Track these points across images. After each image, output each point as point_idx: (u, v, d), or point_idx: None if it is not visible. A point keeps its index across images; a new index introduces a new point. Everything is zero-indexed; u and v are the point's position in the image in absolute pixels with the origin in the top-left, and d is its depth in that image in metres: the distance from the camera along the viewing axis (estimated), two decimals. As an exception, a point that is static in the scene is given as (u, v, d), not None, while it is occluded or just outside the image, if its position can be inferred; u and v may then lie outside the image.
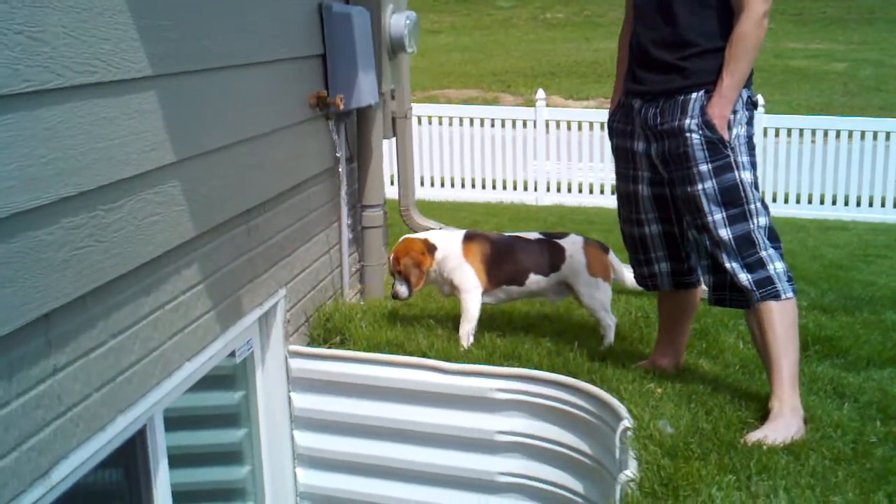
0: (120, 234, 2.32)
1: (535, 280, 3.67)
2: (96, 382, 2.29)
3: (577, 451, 3.19)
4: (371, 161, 4.25)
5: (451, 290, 3.71)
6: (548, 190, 10.37)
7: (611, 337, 3.66)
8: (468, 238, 3.70)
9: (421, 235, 3.76)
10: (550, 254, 3.69)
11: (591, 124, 10.13)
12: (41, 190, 2.00)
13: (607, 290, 3.71)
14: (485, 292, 3.67)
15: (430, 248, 3.65)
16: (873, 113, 12.77)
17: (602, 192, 10.20)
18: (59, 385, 2.14)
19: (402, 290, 3.62)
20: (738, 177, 2.89)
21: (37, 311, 2.02)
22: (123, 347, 2.41)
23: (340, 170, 3.97)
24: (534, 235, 3.78)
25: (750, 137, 2.98)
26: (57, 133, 2.05)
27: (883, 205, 9.74)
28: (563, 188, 10.36)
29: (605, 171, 10.00)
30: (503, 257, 3.68)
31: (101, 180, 2.22)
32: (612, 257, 3.78)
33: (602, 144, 9.93)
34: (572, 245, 3.70)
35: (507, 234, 3.90)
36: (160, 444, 2.77)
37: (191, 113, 2.70)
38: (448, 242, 3.68)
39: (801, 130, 9.95)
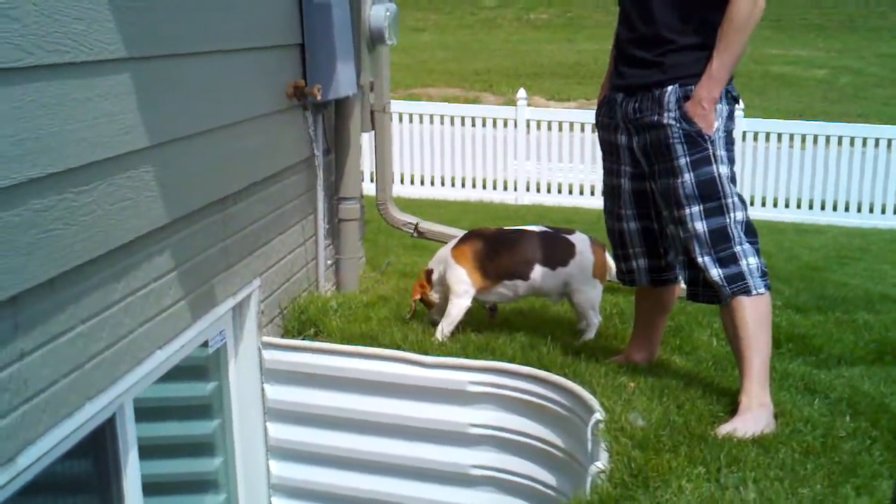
0: (90, 218, 2.29)
1: (540, 272, 3.59)
2: (64, 368, 2.27)
3: (548, 444, 3.20)
4: (349, 153, 4.23)
5: None
6: (527, 189, 10.36)
7: (591, 335, 3.65)
8: (461, 241, 3.67)
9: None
10: (558, 248, 3.63)
11: (571, 125, 10.09)
12: (9, 170, 1.97)
13: (601, 291, 3.69)
14: (484, 290, 3.63)
15: (429, 273, 3.73)
16: (851, 120, 12.83)
17: (581, 192, 10.20)
18: (26, 369, 2.12)
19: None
20: (716, 170, 2.90)
21: (3, 293, 1.99)
22: (93, 333, 2.38)
23: (317, 161, 3.95)
24: (539, 228, 3.72)
25: (729, 132, 2.97)
26: (26, 112, 2.02)
27: (859, 210, 9.83)
28: (543, 188, 10.36)
29: (584, 171, 10.02)
30: (501, 250, 3.61)
31: (72, 162, 2.19)
32: (608, 256, 3.77)
33: (582, 145, 9.94)
34: (581, 242, 3.65)
35: (509, 227, 3.82)
36: (130, 433, 2.74)
37: (166, 97, 2.67)
38: (442, 252, 3.71)
39: (780, 135, 10.02)
